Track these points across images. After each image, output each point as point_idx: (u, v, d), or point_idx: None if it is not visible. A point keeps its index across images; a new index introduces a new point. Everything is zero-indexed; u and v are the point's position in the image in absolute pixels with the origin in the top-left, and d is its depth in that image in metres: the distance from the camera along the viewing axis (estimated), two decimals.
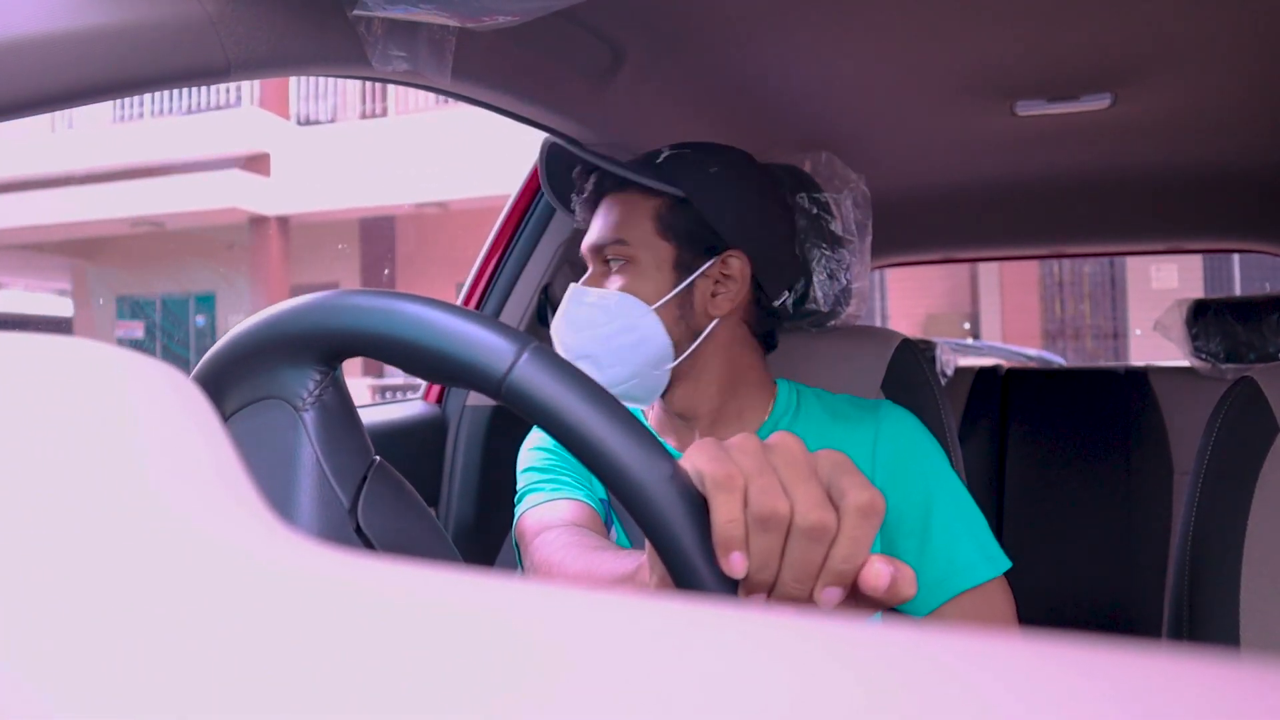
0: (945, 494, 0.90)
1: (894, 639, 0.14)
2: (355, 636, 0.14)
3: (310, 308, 0.45)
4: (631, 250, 0.92)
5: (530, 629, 0.15)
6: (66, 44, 0.61)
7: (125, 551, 0.16)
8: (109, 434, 0.20)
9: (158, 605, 0.15)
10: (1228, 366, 1.80)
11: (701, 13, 1.06)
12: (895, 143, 1.54)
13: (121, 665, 0.14)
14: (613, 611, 0.15)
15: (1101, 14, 1.05)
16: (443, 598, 0.16)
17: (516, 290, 1.45)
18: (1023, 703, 0.12)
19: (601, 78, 1.17)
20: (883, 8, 1.04)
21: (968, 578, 0.86)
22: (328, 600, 0.16)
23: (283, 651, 0.14)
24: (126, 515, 0.17)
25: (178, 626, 0.14)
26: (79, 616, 0.15)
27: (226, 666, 0.14)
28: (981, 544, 0.88)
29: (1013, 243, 2.27)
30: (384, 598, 0.16)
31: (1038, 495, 1.95)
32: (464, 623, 0.15)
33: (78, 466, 0.18)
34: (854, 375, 1.18)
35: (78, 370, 0.22)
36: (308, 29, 0.78)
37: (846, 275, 1.16)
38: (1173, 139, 1.50)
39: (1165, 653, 0.14)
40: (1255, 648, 0.93)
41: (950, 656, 0.14)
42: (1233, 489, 0.98)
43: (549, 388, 0.40)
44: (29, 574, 0.15)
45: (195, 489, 0.19)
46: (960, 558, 0.87)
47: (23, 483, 0.18)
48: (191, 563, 0.16)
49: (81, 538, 0.16)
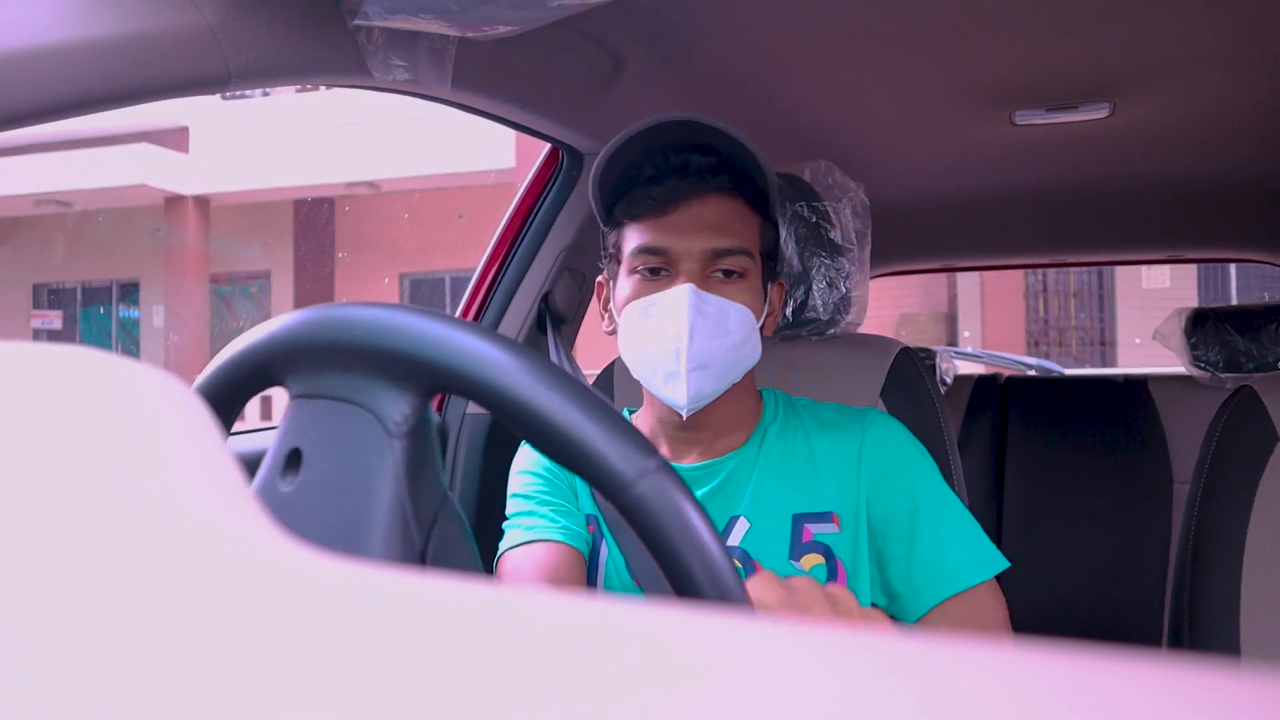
0: (931, 500, 0.90)
1: (895, 648, 0.14)
2: (346, 640, 0.14)
3: (437, 336, 0.42)
4: (747, 263, 0.89)
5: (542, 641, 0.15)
6: (69, 54, 0.61)
7: (120, 559, 0.16)
8: (106, 444, 0.20)
9: (154, 609, 0.15)
10: (1227, 376, 1.80)
11: (701, 22, 1.07)
12: (894, 152, 1.54)
13: (120, 665, 0.14)
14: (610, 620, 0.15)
15: (1100, 24, 1.05)
16: (435, 603, 0.16)
17: (516, 299, 1.45)
18: (1023, 711, 0.12)
19: (602, 86, 1.17)
20: (882, 18, 1.04)
21: (956, 582, 0.86)
22: (325, 604, 0.16)
23: (275, 655, 0.14)
24: (123, 523, 0.17)
25: (173, 631, 0.14)
26: (74, 621, 0.15)
27: (220, 667, 0.14)
28: (970, 548, 0.88)
29: (1011, 252, 2.27)
30: (377, 602, 0.16)
31: (1037, 503, 1.95)
32: (459, 627, 0.15)
33: (73, 476, 0.18)
34: (854, 383, 1.18)
35: (76, 380, 0.22)
36: (308, 38, 0.78)
37: (846, 284, 1.16)
38: (1171, 149, 1.50)
39: (1165, 661, 0.14)
40: (1255, 656, 0.93)
41: (953, 665, 0.14)
42: (1232, 498, 0.98)
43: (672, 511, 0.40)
44: (28, 576, 0.15)
45: (194, 498, 0.19)
46: (948, 563, 0.87)
47: (21, 489, 0.18)
48: (188, 567, 0.16)
49: (75, 546, 0.16)
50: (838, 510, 0.91)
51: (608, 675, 0.13)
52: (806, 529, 0.90)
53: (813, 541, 0.90)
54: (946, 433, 1.15)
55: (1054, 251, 2.23)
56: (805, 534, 0.90)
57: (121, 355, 0.24)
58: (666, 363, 0.86)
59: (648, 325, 0.87)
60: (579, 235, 1.40)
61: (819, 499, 0.91)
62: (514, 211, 1.45)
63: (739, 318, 0.87)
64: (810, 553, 0.90)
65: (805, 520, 0.91)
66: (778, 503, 0.91)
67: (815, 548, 0.90)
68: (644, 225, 0.89)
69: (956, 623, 0.86)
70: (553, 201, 1.40)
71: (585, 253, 1.43)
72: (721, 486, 0.93)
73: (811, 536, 0.90)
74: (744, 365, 0.90)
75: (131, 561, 0.16)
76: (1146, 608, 1.81)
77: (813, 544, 0.90)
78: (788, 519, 0.91)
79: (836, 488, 0.91)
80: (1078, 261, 2.34)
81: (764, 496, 0.92)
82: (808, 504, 0.91)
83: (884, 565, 0.90)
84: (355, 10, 0.79)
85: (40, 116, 0.62)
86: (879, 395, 1.17)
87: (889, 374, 1.18)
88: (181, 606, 0.15)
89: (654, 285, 0.88)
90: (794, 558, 0.89)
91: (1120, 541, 1.85)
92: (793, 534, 0.90)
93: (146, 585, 0.16)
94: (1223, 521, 0.98)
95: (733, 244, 0.87)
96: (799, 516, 0.91)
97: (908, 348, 1.21)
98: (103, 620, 0.15)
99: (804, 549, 0.90)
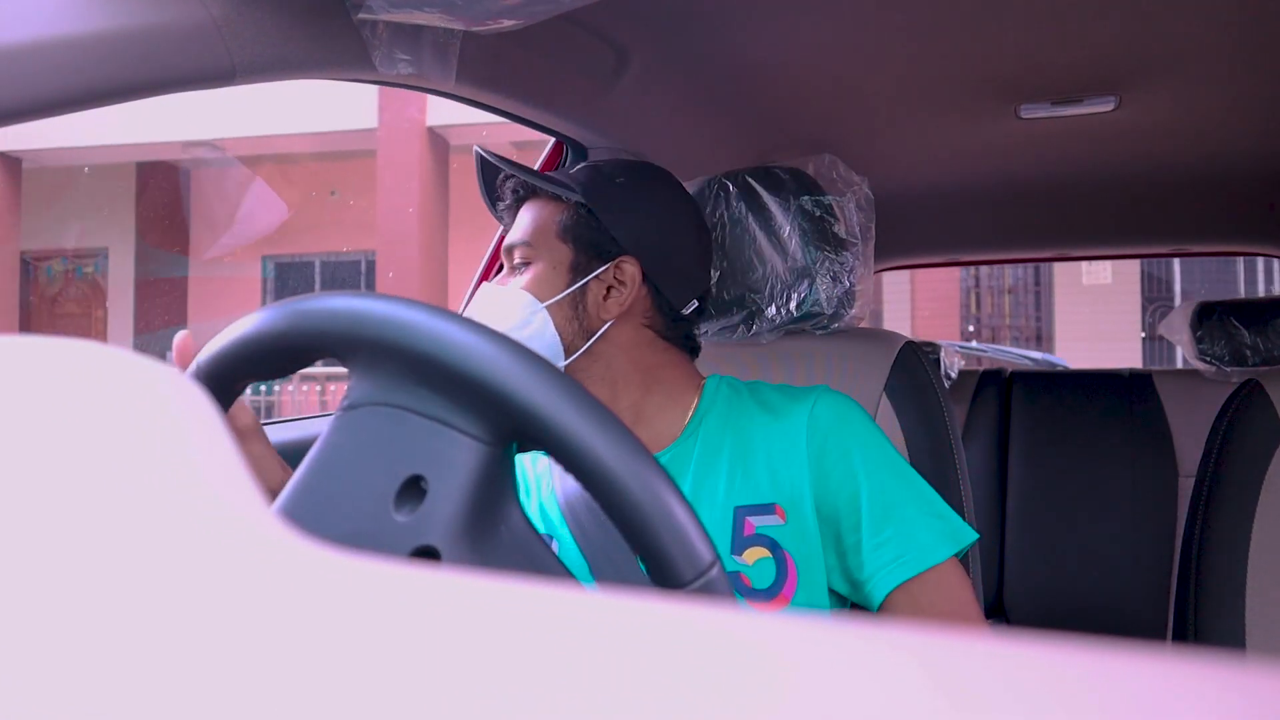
0: (880, 477, 0.88)
1: (889, 642, 0.14)
2: (349, 634, 0.14)
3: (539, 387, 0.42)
4: (534, 252, 0.97)
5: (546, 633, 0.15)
6: (73, 48, 0.62)
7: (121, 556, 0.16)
8: (108, 438, 0.20)
9: (154, 610, 0.15)
10: (1232, 369, 1.80)
11: (706, 16, 1.07)
12: (899, 145, 1.54)
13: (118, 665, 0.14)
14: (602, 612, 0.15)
15: (1105, 17, 1.04)
16: (435, 598, 0.16)
17: None
18: (1026, 706, 0.12)
19: (606, 81, 1.17)
20: (887, 12, 1.04)
21: (915, 563, 0.85)
22: (329, 599, 0.16)
23: (278, 649, 0.14)
24: (127, 518, 0.17)
25: (179, 625, 0.15)
26: (72, 621, 0.15)
27: (221, 663, 0.14)
28: (928, 525, 0.86)
29: (1016, 246, 2.27)
30: (380, 597, 0.16)
31: (1041, 498, 1.95)
32: (456, 623, 0.15)
33: (76, 470, 0.18)
34: (857, 377, 1.17)
35: (77, 372, 0.22)
36: (312, 33, 0.78)
37: (850, 278, 1.16)
38: (1177, 142, 1.50)
39: (1169, 656, 0.14)
40: (1260, 651, 0.93)
41: (953, 658, 0.14)
42: (1238, 492, 0.98)
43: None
44: (27, 578, 0.15)
45: (199, 492, 0.19)
46: (904, 542, 0.85)
47: (22, 485, 0.18)
48: (194, 563, 0.16)
49: (77, 542, 0.17)
50: (780, 501, 0.89)
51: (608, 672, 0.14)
52: (748, 522, 0.89)
53: (755, 535, 0.88)
54: (951, 427, 1.15)
55: (1059, 245, 2.22)
56: (747, 527, 0.89)
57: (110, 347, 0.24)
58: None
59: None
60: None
61: (760, 490, 0.90)
62: None
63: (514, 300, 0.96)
64: (753, 546, 0.88)
65: (746, 513, 0.89)
66: (717, 496, 0.90)
67: (758, 540, 0.88)
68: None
69: (920, 605, 0.84)
70: None
71: None
72: None
73: (754, 530, 0.89)
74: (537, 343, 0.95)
75: (133, 558, 0.16)
76: (1151, 602, 1.81)
77: (755, 537, 0.88)
78: (729, 512, 0.89)
79: (779, 477, 0.90)
80: (1083, 255, 2.34)
81: (703, 490, 0.91)
82: (748, 496, 0.90)
83: (842, 552, 0.88)
84: (359, 4, 0.79)
85: (44, 112, 0.62)
86: (883, 389, 1.17)
87: (893, 368, 1.17)
88: (184, 606, 0.15)
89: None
90: (736, 552, 0.88)
91: (1125, 536, 1.85)
92: (734, 528, 0.89)
93: (146, 584, 0.16)
94: (1228, 515, 0.98)
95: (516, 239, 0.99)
96: (740, 509, 0.89)
97: (912, 341, 1.21)
98: (103, 621, 0.15)
99: (746, 543, 0.88)
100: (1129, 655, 0.14)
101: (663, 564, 0.42)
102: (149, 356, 0.24)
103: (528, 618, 0.15)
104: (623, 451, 0.42)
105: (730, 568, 0.87)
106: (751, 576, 0.88)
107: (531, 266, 0.97)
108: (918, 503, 0.88)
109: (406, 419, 0.43)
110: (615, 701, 0.13)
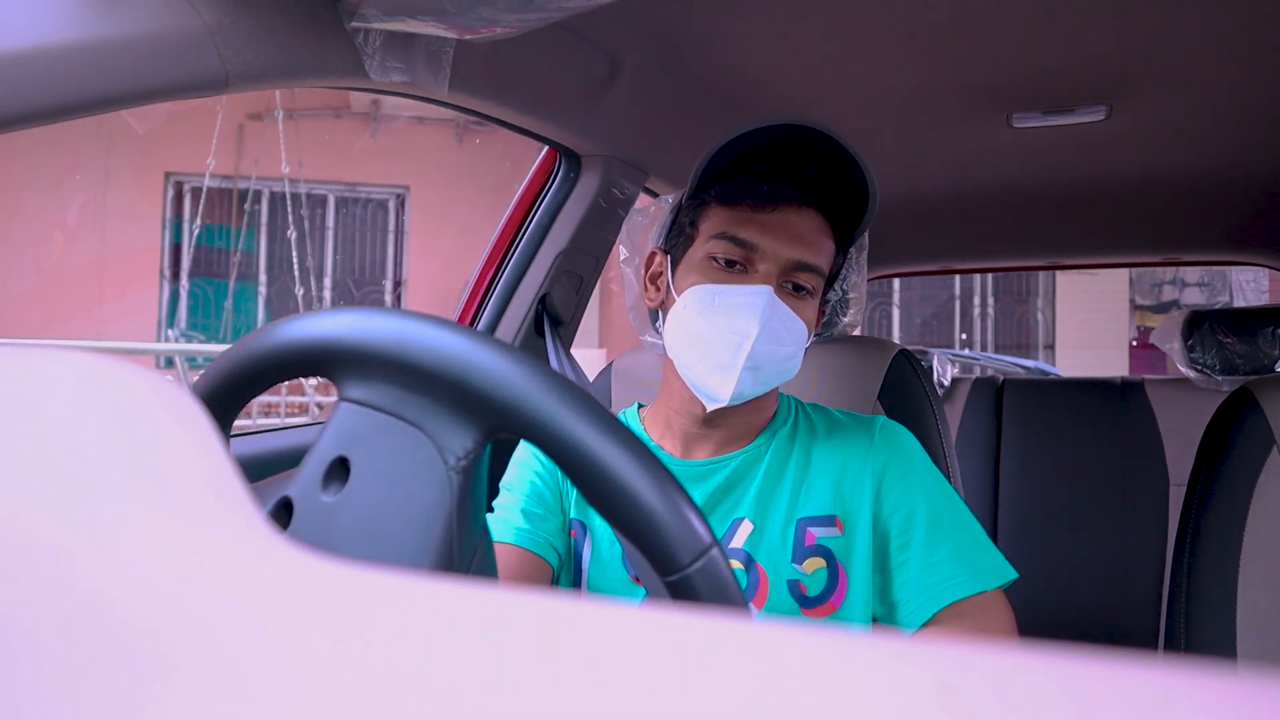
0: (937, 508, 0.90)
1: (888, 652, 0.14)
2: (346, 643, 0.14)
3: (516, 379, 0.41)
4: (818, 282, 0.92)
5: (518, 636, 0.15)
6: (67, 56, 0.61)
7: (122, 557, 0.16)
8: (107, 445, 0.20)
9: (157, 606, 0.15)
10: (1223, 378, 1.80)
11: (699, 23, 1.07)
12: (892, 154, 1.54)
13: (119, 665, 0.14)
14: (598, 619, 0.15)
15: (1097, 27, 1.05)
16: (437, 606, 0.16)
17: (514, 301, 1.45)
18: (1016, 714, 0.12)
19: (600, 88, 1.17)
20: (880, 22, 1.04)
21: (955, 590, 0.86)
22: (322, 608, 0.16)
23: (277, 652, 0.14)
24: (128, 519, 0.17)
25: (180, 625, 0.14)
26: (72, 620, 0.15)
27: (222, 662, 0.14)
28: (975, 557, 0.88)
29: (1009, 254, 2.27)
30: (374, 606, 0.16)
31: (1033, 506, 1.95)
32: (454, 630, 0.15)
33: (77, 471, 0.18)
34: (851, 385, 1.18)
35: (74, 382, 0.22)
36: (306, 40, 0.78)
37: (843, 286, 1.16)
38: (1168, 151, 1.51)
39: (1161, 664, 0.14)
40: (1251, 660, 0.93)
41: (943, 665, 0.14)
42: (1229, 501, 0.98)
43: (719, 595, 0.40)
44: (26, 579, 0.15)
45: (193, 501, 0.19)
46: (949, 571, 0.86)
47: (23, 485, 0.18)
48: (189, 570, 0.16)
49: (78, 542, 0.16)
50: (840, 514, 0.91)
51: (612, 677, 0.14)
52: (809, 532, 0.90)
53: (815, 545, 0.90)
54: (944, 434, 1.15)
55: (1051, 254, 2.23)
56: (808, 537, 0.90)
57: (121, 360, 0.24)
58: (723, 355, 0.86)
59: (712, 313, 0.88)
60: (577, 237, 1.40)
61: (823, 502, 0.91)
62: (511, 213, 1.45)
63: (797, 332, 0.89)
64: (812, 556, 0.90)
65: (809, 524, 0.91)
66: (782, 506, 0.92)
67: (817, 551, 0.90)
68: (736, 213, 0.90)
69: (963, 629, 0.85)
70: (550, 203, 1.40)
71: (583, 254, 1.43)
72: (726, 486, 0.93)
73: (815, 540, 0.90)
74: (786, 377, 0.91)
75: (134, 559, 0.16)
76: (1142, 610, 1.81)
77: (815, 548, 0.90)
78: (792, 523, 0.91)
79: (841, 492, 0.92)
80: (1075, 264, 2.35)
81: (768, 499, 0.92)
82: (811, 507, 0.91)
83: (887, 572, 0.90)
84: (352, 12, 0.79)
85: (37, 119, 0.62)
86: (876, 397, 1.17)
87: (886, 375, 1.18)
88: (185, 606, 0.15)
89: (727, 277, 0.89)
90: (796, 561, 0.89)
91: (1116, 544, 1.85)
92: (795, 537, 0.90)
93: (147, 584, 0.16)
94: (1219, 524, 0.98)
95: (814, 261, 0.89)
96: (803, 520, 0.91)
97: (905, 349, 1.21)
98: (103, 621, 0.15)
99: (806, 552, 0.90)
100: (1120, 663, 0.14)
101: (652, 550, 0.40)
102: (147, 368, 0.24)
103: (518, 625, 0.15)
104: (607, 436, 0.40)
105: (790, 576, 0.89)
106: (808, 585, 0.89)
107: (813, 298, 0.92)
108: (968, 534, 0.90)
109: (354, 410, 0.44)
110: (616, 705, 0.13)
